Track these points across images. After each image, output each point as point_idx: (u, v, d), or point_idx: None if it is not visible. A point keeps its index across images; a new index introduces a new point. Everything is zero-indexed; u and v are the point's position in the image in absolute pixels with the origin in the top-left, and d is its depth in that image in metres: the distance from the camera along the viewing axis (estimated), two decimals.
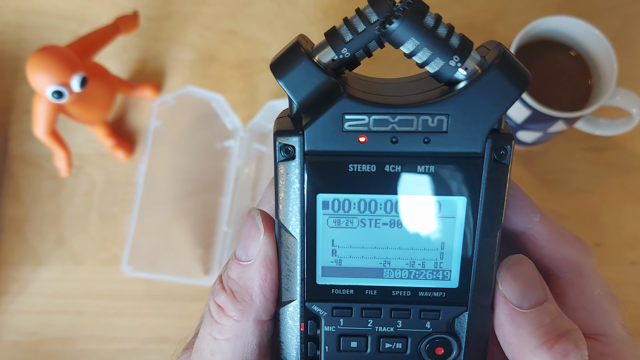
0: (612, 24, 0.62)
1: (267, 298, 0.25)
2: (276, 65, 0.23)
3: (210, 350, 0.26)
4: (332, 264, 0.25)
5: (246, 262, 0.25)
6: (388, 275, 0.25)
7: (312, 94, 0.23)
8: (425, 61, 0.23)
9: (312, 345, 0.26)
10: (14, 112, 0.63)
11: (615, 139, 0.60)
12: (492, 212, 0.24)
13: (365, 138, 0.23)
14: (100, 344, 0.58)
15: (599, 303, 0.26)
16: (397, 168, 0.23)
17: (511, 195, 0.25)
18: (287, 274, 0.25)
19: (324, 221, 0.24)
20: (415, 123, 0.23)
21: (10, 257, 0.60)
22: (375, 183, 0.24)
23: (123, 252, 0.56)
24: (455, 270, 0.25)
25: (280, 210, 0.24)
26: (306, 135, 0.23)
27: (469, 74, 0.23)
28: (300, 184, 0.24)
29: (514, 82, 0.23)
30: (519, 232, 0.26)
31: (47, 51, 0.50)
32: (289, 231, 0.25)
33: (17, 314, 0.59)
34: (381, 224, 0.24)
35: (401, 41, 0.22)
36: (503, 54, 0.23)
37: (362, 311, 0.25)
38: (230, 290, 0.25)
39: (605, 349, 0.26)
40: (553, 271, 0.26)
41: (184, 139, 0.62)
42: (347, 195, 0.24)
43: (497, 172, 0.23)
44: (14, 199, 0.61)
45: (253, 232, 0.25)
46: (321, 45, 0.24)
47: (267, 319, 0.26)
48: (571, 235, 0.27)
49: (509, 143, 0.23)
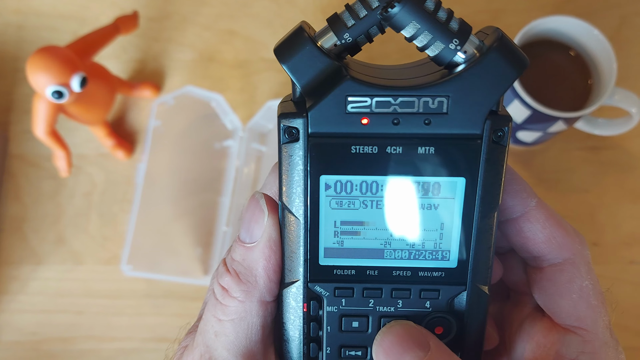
0: (609, 24, 0.63)
1: (271, 279, 0.25)
2: (280, 50, 0.24)
3: (215, 331, 0.26)
4: (334, 245, 0.25)
5: (250, 244, 0.26)
6: (389, 256, 0.25)
7: (315, 77, 0.24)
8: (426, 45, 0.23)
9: (314, 325, 0.26)
10: (14, 112, 0.63)
11: (613, 138, 0.60)
12: (490, 192, 0.24)
13: (367, 120, 0.24)
14: (100, 344, 0.58)
15: (585, 295, 0.26)
16: (399, 149, 0.24)
17: (508, 179, 0.26)
18: (290, 255, 0.26)
19: (326, 202, 0.25)
20: (417, 105, 0.23)
21: (10, 256, 0.60)
22: (377, 164, 0.24)
23: (123, 251, 0.56)
24: (454, 250, 0.25)
25: (284, 192, 0.25)
26: (310, 117, 0.23)
27: (468, 57, 0.23)
28: (304, 165, 0.24)
29: (512, 64, 0.23)
30: (515, 216, 0.26)
31: (47, 51, 0.50)
32: (292, 212, 0.25)
33: (17, 314, 0.59)
34: (382, 205, 0.25)
35: (402, 25, 0.23)
36: (501, 37, 0.23)
37: (364, 291, 0.26)
38: (234, 272, 0.26)
39: (585, 345, 0.26)
40: (546, 257, 0.27)
41: (183, 139, 0.62)
42: (350, 176, 0.24)
43: (495, 153, 0.24)
44: (14, 198, 0.61)
45: (257, 214, 0.25)
46: (324, 30, 0.24)
47: (270, 300, 0.26)
48: (568, 225, 0.27)
49: (507, 124, 0.24)
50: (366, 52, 0.25)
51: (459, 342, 0.26)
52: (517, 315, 0.29)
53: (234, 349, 0.25)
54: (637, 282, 0.57)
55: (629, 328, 0.57)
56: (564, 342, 0.26)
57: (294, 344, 0.27)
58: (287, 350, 0.27)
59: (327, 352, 0.27)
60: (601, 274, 0.57)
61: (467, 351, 0.26)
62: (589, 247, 0.27)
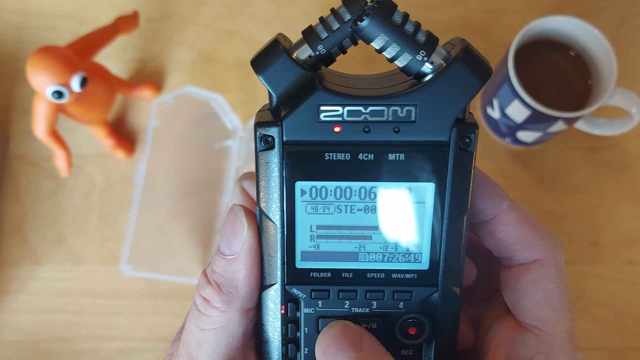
0: (609, 24, 0.63)
1: (252, 288, 0.26)
2: (256, 61, 0.25)
3: (197, 340, 0.27)
4: (310, 249, 0.26)
5: (230, 256, 0.26)
6: (363, 259, 0.26)
7: (290, 87, 0.25)
8: (394, 56, 0.24)
9: (292, 327, 0.27)
10: (14, 112, 0.63)
11: (612, 138, 0.60)
12: (458, 197, 0.25)
13: (340, 128, 0.25)
14: (100, 343, 0.58)
15: (549, 297, 0.27)
16: (370, 156, 0.25)
17: (480, 183, 0.27)
18: (268, 259, 0.26)
19: (302, 208, 0.26)
20: (386, 113, 0.24)
21: (10, 256, 0.60)
22: (350, 171, 0.25)
23: (122, 251, 0.56)
24: (426, 252, 0.26)
25: (262, 198, 0.26)
26: (284, 125, 0.25)
27: (435, 68, 0.24)
28: (280, 172, 0.25)
29: (476, 74, 0.24)
30: (488, 219, 0.27)
31: (47, 51, 0.50)
32: (269, 218, 0.26)
33: (17, 313, 0.59)
34: (356, 209, 0.26)
35: (371, 37, 0.24)
36: (466, 48, 0.24)
37: (339, 293, 0.27)
38: (215, 283, 0.26)
39: (540, 345, 0.26)
40: (517, 258, 0.27)
41: (183, 139, 0.62)
42: (324, 182, 0.25)
43: (462, 159, 0.25)
44: (13, 198, 0.61)
45: (236, 227, 0.26)
46: (299, 42, 0.25)
47: (252, 307, 0.27)
48: (542, 227, 0.27)
49: (473, 132, 0.25)
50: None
51: (433, 342, 0.27)
52: (490, 315, 0.30)
53: (215, 356, 0.26)
54: (636, 282, 0.57)
55: (628, 328, 0.57)
56: (523, 340, 0.27)
57: (273, 345, 0.27)
58: (267, 351, 0.28)
59: (305, 353, 0.27)
60: (600, 274, 0.58)
61: (440, 351, 0.27)
62: (589, 248, 0.28)
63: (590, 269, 0.57)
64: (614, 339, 0.56)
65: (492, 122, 0.59)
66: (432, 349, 0.27)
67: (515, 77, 0.52)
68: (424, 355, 0.27)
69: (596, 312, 0.57)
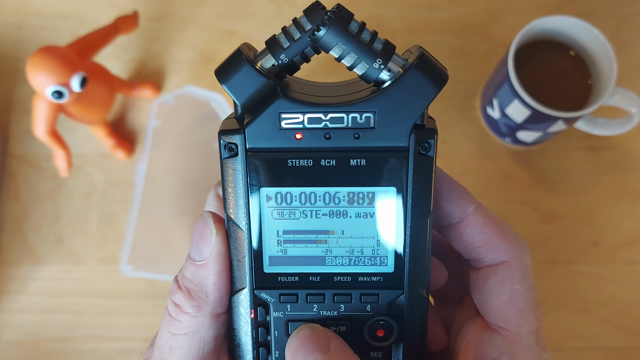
0: (608, 24, 0.63)
1: (222, 293, 0.27)
2: (220, 71, 0.26)
3: (169, 345, 0.27)
4: (278, 254, 0.27)
5: (200, 261, 0.27)
6: (330, 263, 0.27)
7: (253, 96, 0.25)
8: (353, 64, 0.25)
9: (262, 330, 0.28)
10: (14, 112, 0.63)
11: (612, 138, 0.60)
12: (420, 201, 0.26)
13: (301, 135, 0.25)
14: (100, 343, 0.58)
15: (515, 298, 0.27)
16: (332, 162, 0.25)
17: (447, 187, 0.27)
18: (237, 264, 0.27)
19: (268, 213, 0.26)
20: (346, 120, 0.25)
21: (10, 256, 0.60)
22: (313, 177, 0.26)
23: (122, 251, 0.56)
24: (391, 255, 0.26)
25: (229, 205, 0.26)
26: (247, 133, 0.25)
27: (392, 75, 0.25)
28: (245, 179, 0.26)
29: (432, 80, 0.25)
30: (455, 222, 0.28)
31: (47, 51, 0.50)
32: (237, 224, 0.26)
33: (17, 313, 0.59)
34: (321, 214, 0.26)
35: (329, 46, 0.24)
36: (421, 55, 0.25)
37: (307, 297, 0.27)
38: (186, 289, 0.27)
39: (506, 346, 0.27)
40: (483, 260, 0.28)
41: (183, 139, 0.62)
42: (289, 188, 0.26)
43: (422, 164, 0.25)
44: (13, 198, 0.61)
45: (205, 233, 0.27)
46: (262, 52, 0.26)
47: (222, 312, 0.27)
48: (509, 230, 0.28)
49: (432, 137, 0.25)
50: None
51: (401, 344, 0.27)
52: (461, 317, 0.30)
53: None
54: (637, 282, 0.57)
55: (628, 328, 0.57)
56: (490, 341, 0.27)
57: (245, 348, 0.28)
58: (239, 355, 0.28)
59: (276, 356, 0.28)
60: (601, 274, 0.58)
61: (409, 352, 0.27)
62: (589, 248, 0.28)
63: (590, 269, 0.57)
64: (614, 339, 0.56)
65: (492, 122, 0.59)
66: (401, 351, 0.27)
67: (515, 77, 0.52)
68: (394, 357, 0.28)
69: (597, 312, 0.57)
